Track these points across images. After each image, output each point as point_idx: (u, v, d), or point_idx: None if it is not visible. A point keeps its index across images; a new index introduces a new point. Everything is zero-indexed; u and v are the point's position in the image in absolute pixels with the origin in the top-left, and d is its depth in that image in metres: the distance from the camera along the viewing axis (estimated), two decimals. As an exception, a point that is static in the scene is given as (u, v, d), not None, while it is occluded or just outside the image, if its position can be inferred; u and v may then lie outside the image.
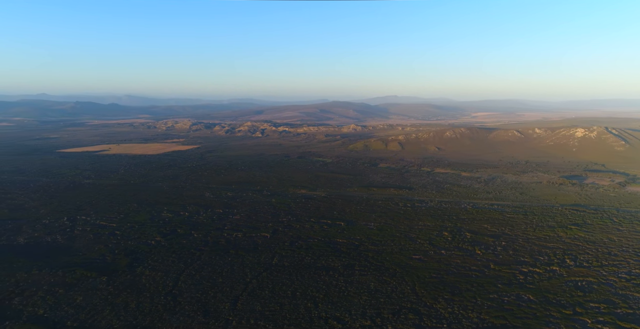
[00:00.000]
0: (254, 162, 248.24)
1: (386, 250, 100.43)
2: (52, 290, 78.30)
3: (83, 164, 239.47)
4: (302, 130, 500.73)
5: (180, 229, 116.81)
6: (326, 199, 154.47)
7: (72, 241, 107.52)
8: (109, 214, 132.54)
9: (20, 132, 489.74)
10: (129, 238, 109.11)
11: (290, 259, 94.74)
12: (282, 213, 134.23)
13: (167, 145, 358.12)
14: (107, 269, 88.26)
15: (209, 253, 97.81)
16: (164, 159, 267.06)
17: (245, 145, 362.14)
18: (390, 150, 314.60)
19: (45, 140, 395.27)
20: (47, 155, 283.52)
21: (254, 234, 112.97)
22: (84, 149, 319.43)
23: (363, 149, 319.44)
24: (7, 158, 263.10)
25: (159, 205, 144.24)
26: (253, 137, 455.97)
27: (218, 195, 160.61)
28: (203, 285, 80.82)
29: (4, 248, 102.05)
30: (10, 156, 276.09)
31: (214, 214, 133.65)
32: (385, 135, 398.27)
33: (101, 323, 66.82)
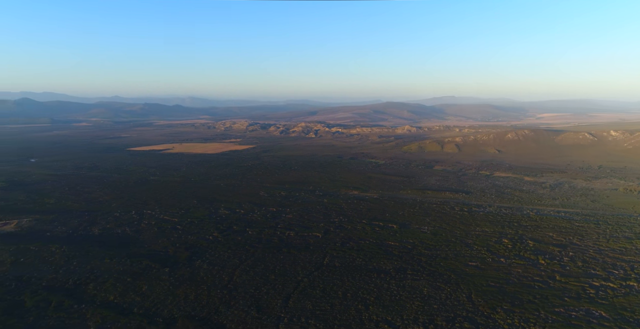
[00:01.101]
0: (307, 163, 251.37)
1: (440, 255, 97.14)
2: (121, 278, 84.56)
3: (149, 162, 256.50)
4: (355, 131, 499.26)
5: (236, 226, 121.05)
6: (378, 200, 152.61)
7: (139, 233, 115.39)
8: (171, 209, 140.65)
9: (97, 131, 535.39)
10: (189, 233, 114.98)
11: (341, 259, 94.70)
12: (334, 214, 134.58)
13: (225, 144, 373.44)
14: (169, 261, 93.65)
15: (262, 250, 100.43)
16: (222, 158, 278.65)
17: (298, 145, 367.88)
18: (446, 152, 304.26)
19: (117, 139, 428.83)
20: (119, 153, 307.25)
21: (306, 233, 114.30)
22: (150, 148, 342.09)
23: (417, 150, 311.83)
24: (85, 155, 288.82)
25: (216, 202, 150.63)
26: (306, 137, 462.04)
27: (272, 194, 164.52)
28: (256, 281, 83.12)
29: (82, 237, 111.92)
30: (88, 153, 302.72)
31: (268, 212, 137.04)
32: (441, 136, 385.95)
33: (163, 312, 71.00)
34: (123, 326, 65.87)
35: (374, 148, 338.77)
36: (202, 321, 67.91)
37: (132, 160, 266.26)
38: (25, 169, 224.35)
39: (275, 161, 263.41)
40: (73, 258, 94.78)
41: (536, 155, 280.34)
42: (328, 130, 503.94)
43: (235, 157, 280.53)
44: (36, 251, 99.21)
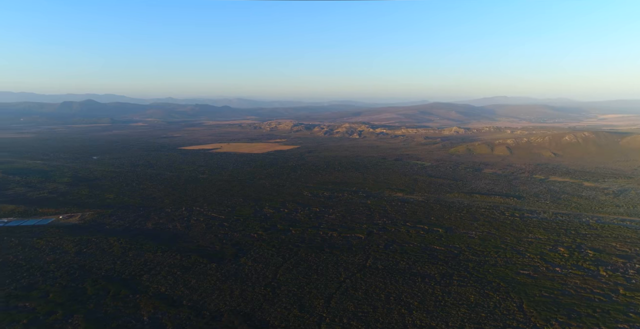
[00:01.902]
0: (351, 164, 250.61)
1: (489, 262, 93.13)
2: (172, 271, 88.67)
3: (199, 161, 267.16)
4: (399, 132, 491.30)
5: (280, 225, 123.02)
6: (423, 203, 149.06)
7: (189, 229, 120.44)
8: (219, 207, 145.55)
9: (151, 131, 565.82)
10: (235, 230, 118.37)
11: (384, 262, 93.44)
12: (377, 215, 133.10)
13: (271, 144, 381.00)
14: (216, 257, 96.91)
15: (305, 250, 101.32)
16: (267, 158, 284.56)
17: (342, 146, 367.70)
18: (496, 155, 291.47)
19: (169, 138, 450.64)
20: (171, 152, 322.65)
21: (349, 234, 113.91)
22: (200, 147, 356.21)
23: (465, 153, 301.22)
24: (141, 154, 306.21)
25: (261, 201, 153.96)
26: (350, 138, 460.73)
27: (315, 194, 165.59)
28: (299, 280, 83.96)
29: (137, 231, 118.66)
30: (143, 151, 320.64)
31: (311, 212, 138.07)
32: (491, 138, 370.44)
33: (210, 305, 73.59)
34: (173, 317, 68.98)
35: (419, 150, 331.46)
36: (246, 317, 69.60)
37: (183, 159, 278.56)
38: (88, 166, 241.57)
39: (319, 161, 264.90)
40: (129, 250, 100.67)
41: (598, 159, 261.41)
42: (372, 131, 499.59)
43: (280, 157, 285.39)
44: (97, 242, 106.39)
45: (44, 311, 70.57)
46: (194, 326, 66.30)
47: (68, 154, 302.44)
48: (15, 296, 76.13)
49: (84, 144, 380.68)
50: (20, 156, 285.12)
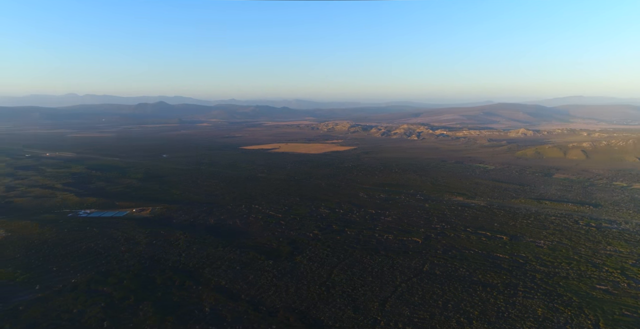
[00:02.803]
0: (408, 165, 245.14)
1: (560, 274, 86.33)
2: (231, 266, 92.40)
3: (258, 160, 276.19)
4: (461, 134, 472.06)
5: (335, 226, 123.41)
6: (486, 208, 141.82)
7: (248, 226, 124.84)
8: (276, 205, 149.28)
9: (215, 131, 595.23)
10: (291, 229, 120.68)
11: (442, 268, 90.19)
12: (436, 219, 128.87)
13: (327, 145, 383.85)
14: (273, 254, 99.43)
15: (360, 251, 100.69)
16: (324, 158, 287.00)
17: (400, 147, 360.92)
18: (570, 159, 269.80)
19: (231, 138, 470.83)
20: (233, 151, 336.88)
21: (405, 237, 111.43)
22: (259, 147, 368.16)
23: (534, 156, 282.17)
24: (205, 152, 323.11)
25: (317, 201, 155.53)
26: (408, 140, 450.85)
27: (371, 196, 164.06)
28: (354, 281, 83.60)
29: (201, 226, 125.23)
30: (207, 150, 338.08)
31: (367, 214, 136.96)
32: (563, 141, 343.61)
33: (267, 301, 75.67)
34: (232, 310, 71.83)
35: (482, 152, 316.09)
36: (301, 314, 70.61)
37: (243, 158, 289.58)
38: (159, 163, 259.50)
39: (376, 162, 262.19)
40: (193, 244, 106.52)
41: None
42: (432, 132, 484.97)
43: (336, 158, 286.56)
44: (165, 235, 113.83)
45: (118, 296, 76.83)
46: (251, 320, 68.51)
47: (141, 152, 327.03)
48: (95, 280, 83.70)
49: (155, 143, 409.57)
50: (101, 153, 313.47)
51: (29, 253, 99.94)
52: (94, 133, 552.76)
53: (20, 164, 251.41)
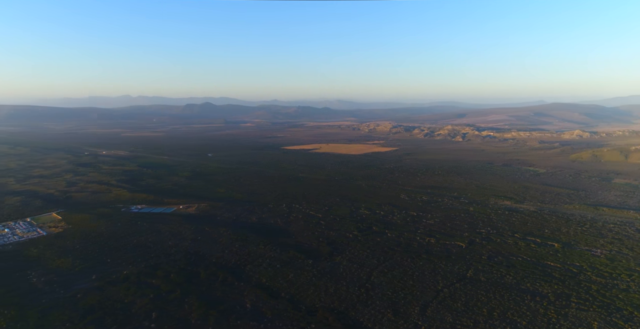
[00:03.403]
0: (452, 168, 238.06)
1: (619, 285, 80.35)
2: (272, 264, 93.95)
3: (299, 160, 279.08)
4: (509, 135, 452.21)
5: (376, 227, 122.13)
6: (536, 214, 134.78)
7: (288, 225, 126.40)
8: (316, 205, 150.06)
9: (258, 131, 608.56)
10: (331, 229, 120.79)
11: (487, 274, 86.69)
12: (481, 224, 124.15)
13: (368, 146, 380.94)
14: (313, 254, 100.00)
15: (401, 254, 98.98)
16: (365, 159, 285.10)
17: (443, 149, 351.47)
18: (632, 163, 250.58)
19: (273, 138, 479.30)
20: (274, 151, 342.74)
21: (448, 241, 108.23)
22: (300, 147, 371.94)
23: (591, 159, 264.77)
24: (248, 152, 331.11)
25: (357, 202, 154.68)
26: (453, 141, 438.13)
27: (413, 198, 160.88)
28: (394, 284, 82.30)
29: (243, 224, 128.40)
30: (250, 150, 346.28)
31: (408, 216, 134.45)
32: (625, 144, 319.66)
33: (306, 300, 76.21)
34: (272, 307, 73.00)
35: (532, 155, 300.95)
36: (340, 315, 70.44)
37: (284, 158, 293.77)
38: (205, 162, 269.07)
39: (418, 164, 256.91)
40: (235, 241, 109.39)
41: None
42: (478, 134, 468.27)
43: (377, 159, 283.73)
44: (209, 231, 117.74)
45: (166, 289, 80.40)
46: (291, 318, 69.27)
47: (188, 150, 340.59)
48: (145, 273, 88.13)
49: (201, 142, 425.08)
50: (151, 152, 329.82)
51: (87, 244, 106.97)
52: (146, 132, 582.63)
53: (80, 162, 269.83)
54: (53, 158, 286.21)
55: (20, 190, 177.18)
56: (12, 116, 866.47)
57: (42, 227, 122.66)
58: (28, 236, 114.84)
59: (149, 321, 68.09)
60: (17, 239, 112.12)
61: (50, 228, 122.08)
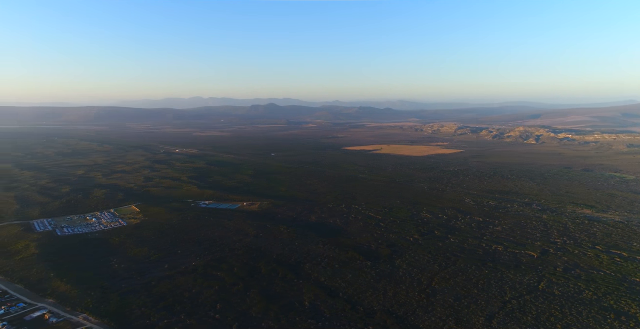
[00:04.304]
0: (524, 172, 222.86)
1: None
2: (331, 264, 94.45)
3: (360, 161, 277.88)
4: (591, 138, 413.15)
5: (438, 232, 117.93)
6: (622, 225, 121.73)
7: (347, 225, 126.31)
8: (376, 207, 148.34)
9: (319, 131, 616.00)
10: (391, 231, 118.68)
11: (563, 288, 79.86)
12: (556, 233, 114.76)
13: (432, 148, 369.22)
14: (372, 256, 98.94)
15: (464, 261, 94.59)
16: (428, 161, 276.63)
17: (514, 152, 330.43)
18: None
19: (334, 139, 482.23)
20: (335, 151, 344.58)
21: (518, 250, 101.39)
22: (361, 148, 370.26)
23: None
24: (309, 152, 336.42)
25: (419, 205, 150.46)
26: (525, 144, 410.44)
27: (479, 203, 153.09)
28: (457, 292, 78.85)
29: (303, 222, 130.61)
30: (311, 150, 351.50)
31: (473, 221, 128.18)
32: None
33: (364, 302, 75.58)
34: (330, 307, 73.36)
35: (619, 160, 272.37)
36: (399, 320, 68.91)
37: (345, 158, 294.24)
38: (267, 161, 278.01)
39: (485, 167, 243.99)
40: (295, 239, 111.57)
41: None
42: (554, 136, 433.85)
43: (441, 161, 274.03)
44: (270, 229, 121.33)
45: (230, 282, 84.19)
46: (349, 319, 69.11)
47: (253, 150, 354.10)
48: (211, 266, 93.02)
49: (265, 142, 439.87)
50: (219, 151, 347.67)
51: (160, 235, 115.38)
52: (214, 132, 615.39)
53: (156, 159, 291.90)
54: (133, 155, 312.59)
55: (106, 184, 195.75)
56: (100, 117, 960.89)
57: (123, 218, 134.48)
58: (111, 226, 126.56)
59: (214, 312, 71.73)
60: (102, 228, 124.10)
61: (130, 219, 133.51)
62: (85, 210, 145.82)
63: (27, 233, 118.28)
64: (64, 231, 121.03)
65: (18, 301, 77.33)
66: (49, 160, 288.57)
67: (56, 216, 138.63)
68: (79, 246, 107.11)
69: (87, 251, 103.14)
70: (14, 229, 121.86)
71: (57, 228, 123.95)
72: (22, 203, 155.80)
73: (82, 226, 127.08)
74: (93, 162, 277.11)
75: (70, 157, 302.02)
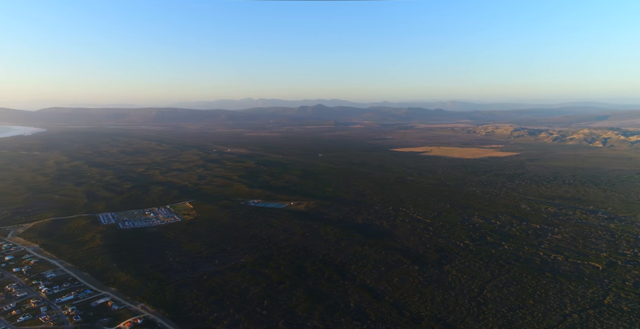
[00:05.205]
0: (588, 177, 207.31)
1: None
2: (377, 266, 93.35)
3: (408, 163, 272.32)
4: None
5: (490, 238, 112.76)
6: None
7: (394, 228, 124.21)
8: (424, 210, 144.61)
9: (367, 132, 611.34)
10: (440, 236, 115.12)
11: (633, 304, 73.26)
12: (624, 244, 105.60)
13: (485, 150, 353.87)
14: (419, 260, 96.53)
15: (519, 269, 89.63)
16: (480, 164, 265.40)
17: (577, 155, 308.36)
18: None
19: (382, 140, 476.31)
20: (383, 152, 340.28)
21: (580, 261, 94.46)
22: (410, 149, 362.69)
23: None
24: (356, 153, 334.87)
25: (470, 209, 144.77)
26: (590, 146, 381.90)
27: (536, 208, 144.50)
28: (510, 302, 74.88)
29: (349, 224, 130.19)
30: (358, 151, 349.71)
31: (530, 228, 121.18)
32: None
33: (411, 307, 73.87)
34: (375, 310, 72.46)
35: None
36: (448, 327, 66.60)
37: (393, 160, 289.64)
38: (315, 162, 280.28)
39: (544, 171, 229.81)
40: (341, 240, 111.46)
41: None
42: (624, 139, 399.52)
43: (495, 164, 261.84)
44: (316, 228, 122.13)
45: (276, 280, 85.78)
46: (394, 323, 67.92)
47: (300, 150, 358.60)
48: (258, 263, 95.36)
49: (312, 142, 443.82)
50: (268, 151, 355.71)
51: (212, 231, 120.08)
52: (264, 132, 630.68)
53: (208, 158, 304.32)
54: (188, 154, 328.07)
55: (163, 181, 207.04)
56: (159, 117, 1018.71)
57: (178, 214, 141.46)
58: (167, 221, 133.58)
59: (260, 308, 73.44)
60: (159, 223, 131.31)
61: (184, 215, 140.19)
62: (144, 205, 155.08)
63: (93, 225, 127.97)
64: (125, 225, 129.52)
65: (85, 287, 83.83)
66: (113, 158, 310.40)
67: (118, 210, 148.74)
68: (138, 239, 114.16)
69: (145, 244, 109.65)
70: (82, 221, 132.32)
71: (119, 221, 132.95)
72: (90, 197, 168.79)
73: (141, 220, 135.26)
74: (152, 160, 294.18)
75: (131, 155, 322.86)
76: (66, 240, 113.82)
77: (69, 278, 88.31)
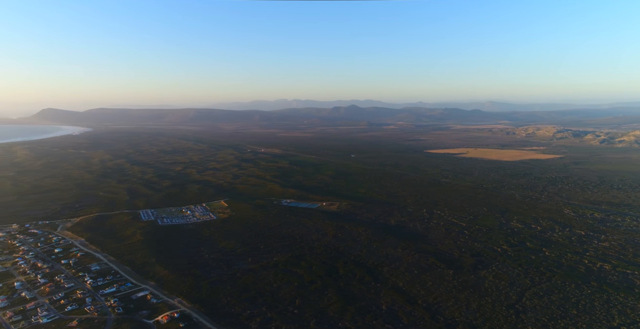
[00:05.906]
0: (639, 182, 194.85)
1: None
2: (409, 269, 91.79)
3: (443, 164, 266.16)
4: None
5: (530, 243, 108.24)
6: None
7: (428, 231, 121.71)
8: (460, 213, 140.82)
9: (401, 133, 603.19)
10: (476, 240, 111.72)
11: (688, 320, 68.14)
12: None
13: (525, 152, 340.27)
14: (454, 264, 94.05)
15: (562, 277, 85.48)
16: (520, 166, 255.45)
17: (627, 159, 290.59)
18: None
19: (416, 141, 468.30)
20: (417, 154, 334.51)
21: (630, 270, 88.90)
22: (445, 151, 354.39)
23: None
24: (389, 154, 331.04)
25: (508, 213, 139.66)
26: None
27: (581, 214, 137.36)
28: (551, 311, 71.52)
29: (381, 225, 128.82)
30: (391, 152, 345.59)
31: (573, 234, 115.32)
32: None
33: (445, 312, 72.09)
34: (408, 313, 71.25)
35: None
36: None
37: (427, 161, 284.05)
38: (347, 162, 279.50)
39: (589, 175, 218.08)
40: (373, 242, 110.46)
41: None
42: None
43: (535, 167, 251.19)
44: (348, 229, 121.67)
45: (308, 279, 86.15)
46: (428, 328, 66.52)
47: (333, 151, 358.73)
48: (291, 262, 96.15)
49: (345, 143, 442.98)
50: (301, 151, 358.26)
51: (245, 230, 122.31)
52: (297, 133, 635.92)
53: (243, 157, 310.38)
54: (223, 154, 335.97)
55: (199, 180, 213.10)
56: (196, 118, 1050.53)
57: (213, 212, 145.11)
58: (203, 219, 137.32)
59: (292, 307, 74.00)
60: (195, 220, 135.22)
61: (219, 213, 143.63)
62: (181, 203, 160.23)
63: (134, 221, 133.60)
64: (164, 221, 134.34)
65: (126, 281, 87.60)
66: (152, 156, 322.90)
67: (157, 207, 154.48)
68: (175, 236, 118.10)
69: (182, 241, 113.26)
70: (124, 217, 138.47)
71: (158, 218, 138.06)
72: (131, 194, 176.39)
73: (179, 217, 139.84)
74: (189, 159, 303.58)
75: (170, 155, 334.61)
76: (109, 235, 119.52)
77: (111, 271, 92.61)
